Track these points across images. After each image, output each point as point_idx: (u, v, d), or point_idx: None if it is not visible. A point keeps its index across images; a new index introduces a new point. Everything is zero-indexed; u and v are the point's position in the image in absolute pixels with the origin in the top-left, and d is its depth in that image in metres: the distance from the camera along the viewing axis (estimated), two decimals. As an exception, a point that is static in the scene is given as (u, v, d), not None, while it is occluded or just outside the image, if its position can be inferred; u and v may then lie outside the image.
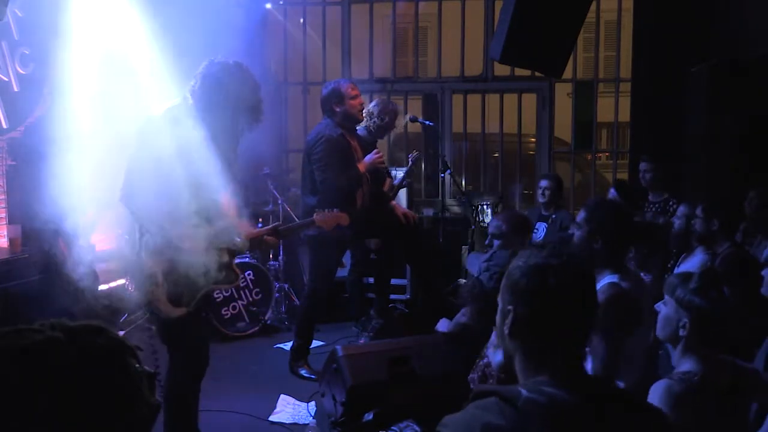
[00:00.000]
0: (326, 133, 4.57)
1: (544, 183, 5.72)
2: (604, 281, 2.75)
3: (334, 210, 3.73)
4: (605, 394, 1.41)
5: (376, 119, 5.10)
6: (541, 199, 5.70)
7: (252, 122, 3.17)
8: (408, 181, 5.77)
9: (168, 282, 2.99)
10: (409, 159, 5.70)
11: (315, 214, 3.70)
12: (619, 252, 2.82)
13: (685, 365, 2.10)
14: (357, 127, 4.98)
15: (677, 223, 3.90)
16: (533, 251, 1.46)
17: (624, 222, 2.86)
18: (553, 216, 5.63)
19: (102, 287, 4.95)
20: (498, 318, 1.48)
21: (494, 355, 2.89)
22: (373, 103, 5.29)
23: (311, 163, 4.60)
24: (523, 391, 1.30)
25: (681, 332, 2.11)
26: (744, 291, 3.01)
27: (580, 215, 2.89)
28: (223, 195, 3.10)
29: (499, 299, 1.48)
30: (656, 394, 2.02)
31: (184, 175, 2.91)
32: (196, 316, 3.16)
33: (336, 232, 4.58)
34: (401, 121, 5.41)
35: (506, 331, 1.43)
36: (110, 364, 1.08)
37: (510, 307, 1.43)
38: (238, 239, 3.19)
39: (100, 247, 5.15)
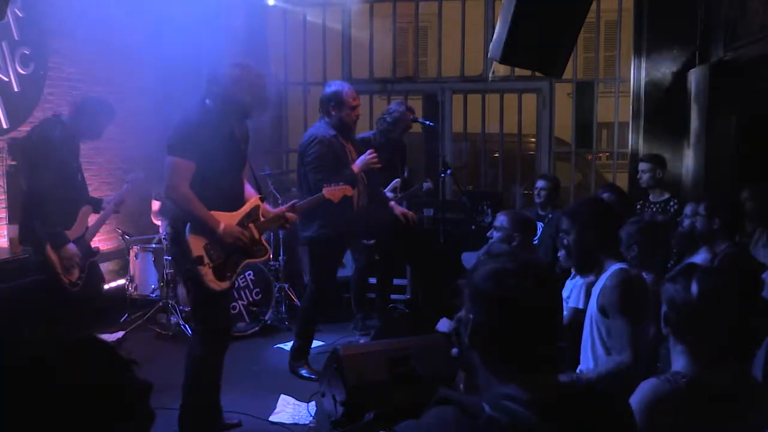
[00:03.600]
0: (319, 135, 4.58)
1: (540, 183, 5.73)
2: (613, 268, 2.86)
3: (340, 184, 4.23)
4: (572, 406, 1.35)
5: (387, 118, 5.31)
6: (537, 200, 5.71)
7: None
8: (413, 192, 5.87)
9: (213, 261, 3.49)
10: (423, 186, 5.79)
11: (323, 188, 4.20)
12: (612, 239, 3.00)
13: (677, 364, 2.07)
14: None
15: (686, 222, 3.89)
16: (494, 258, 1.43)
17: (604, 210, 3.06)
18: (550, 216, 5.64)
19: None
20: (461, 328, 1.44)
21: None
22: (393, 104, 5.46)
23: (305, 165, 4.62)
24: (486, 408, 1.26)
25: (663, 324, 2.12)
26: (743, 291, 3.00)
27: (562, 224, 3.02)
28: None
29: (463, 309, 1.45)
30: (640, 393, 1.99)
31: (217, 164, 3.47)
32: (230, 290, 3.73)
33: (335, 232, 4.61)
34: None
35: (466, 340, 1.39)
36: (104, 381, 1.07)
37: (470, 315, 1.39)
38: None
39: (103, 247, 5.14)
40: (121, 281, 6.02)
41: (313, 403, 4.17)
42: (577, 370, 3.00)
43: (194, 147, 3.43)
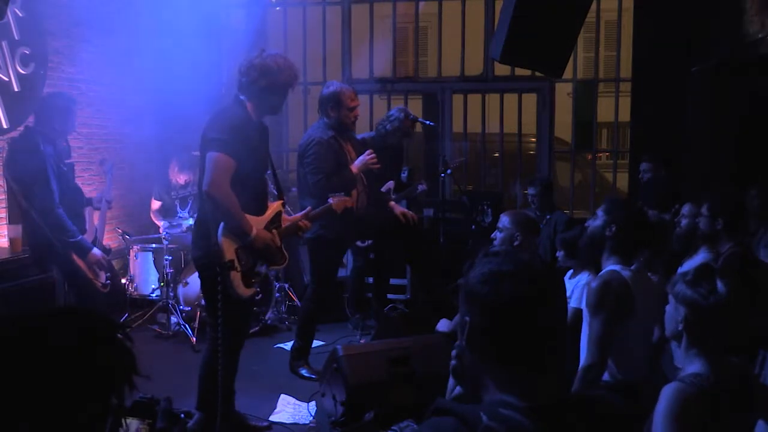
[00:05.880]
0: (317, 136, 4.58)
1: (531, 191, 5.76)
2: (606, 269, 2.92)
3: (341, 194, 4.25)
4: (571, 414, 1.32)
5: (388, 126, 5.32)
6: (532, 206, 5.74)
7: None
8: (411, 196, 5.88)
9: (243, 265, 3.42)
10: (418, 188, 5.79)
11: (330, 199, 4.17)
12: (628, 243, 2.96)
13: (693, 366, 2.08)
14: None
15: (684, 222, 3.89)
16: (489, 259, 1.38)
17: (640, 217, 3.09)
18: (548, 217, 5.64)
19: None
20: (458, 330, 1.41)
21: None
22: (394, 110, 5.46)
23: (304, 166, 4.62)
24: (484, 417, 1.23)
25: (679, 327, 2.12)
26: (747, 291, 3.00)
27: (600, 208, 3.07)
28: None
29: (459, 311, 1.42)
30: (667, 398, 2.00)
31: (251, 164, 3.43)
32: (253, 297, 3.67)
33: (335, 232, 4.61)
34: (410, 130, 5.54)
35: (463, 343, 1.36)
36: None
37: (467, 318, 1.36)
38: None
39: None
40: (121, 281, 6.02)
41: (313, 403, 4.17)
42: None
43: (239, 143, 3.34)
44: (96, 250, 4.27)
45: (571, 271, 3.82)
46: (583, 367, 2.82)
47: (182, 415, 1.51)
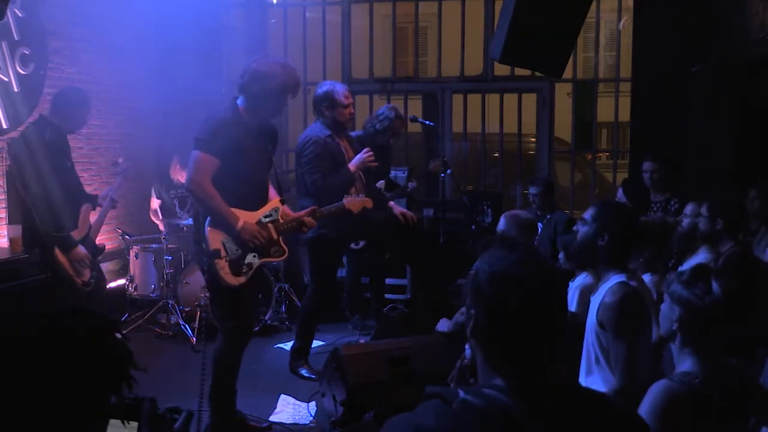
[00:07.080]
0: (313, 136, 4.60)
1: (532, 190, 5.75)
2: (612, 281, 2.73)
3: (361, 196, 4.33)
4: (562, 402, 1.33)
5: (377, 125, 5.31)
6: (533, 206, 5.74)
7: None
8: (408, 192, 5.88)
9: (230, 255, 3.56)
10: (409, 186, 5.79)
11: (344, 198, 4.23)
12: (623, 251, 2.81)
13: (684, 365, 2.08)
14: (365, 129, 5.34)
15: (685, 221, 3.89)
16: (501, 254, 1.39)
17: (632, 223, 2.88)
18: (548, 217, 5.64)
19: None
20: (465, 317, 1.45)
21: (468, 348, 3.14)
22: (383, 109, 5.44)
23: (301, 166, 4.63)
24: (461, 393, 1.29)
25: (674, 326, 2.11)
26: (747, 291, 3.00)
27: (588, 212, 2.88)
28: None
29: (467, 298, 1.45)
30: (653, 395, 2.00)
31: (242, 163, 3.55)
32: (250, 287, 3.70)
33: (336, 232, 4.61)
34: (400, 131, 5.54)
35: (468, 333, 1.41)
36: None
37: (472, 311, 1.39)
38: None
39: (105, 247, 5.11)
40: (121, 281, 6.02)
41: (313, 403, 4.18)
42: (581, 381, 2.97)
43: (221, 143, 3.48)
44: (80, 248, 4.22)
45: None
46: (616, 392, 2.63)
47: (168, 415, 1.48)
